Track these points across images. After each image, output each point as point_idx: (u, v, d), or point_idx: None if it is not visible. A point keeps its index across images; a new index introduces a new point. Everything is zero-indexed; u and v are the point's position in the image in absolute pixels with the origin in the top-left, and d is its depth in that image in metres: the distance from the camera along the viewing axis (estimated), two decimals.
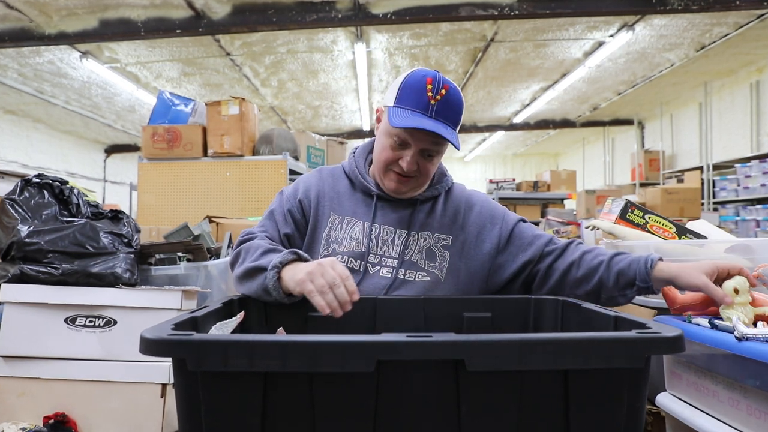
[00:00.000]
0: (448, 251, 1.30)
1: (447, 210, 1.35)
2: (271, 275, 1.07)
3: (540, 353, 0.63)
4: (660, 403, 1.18)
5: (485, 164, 15.31)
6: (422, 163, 1.24)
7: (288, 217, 1.31)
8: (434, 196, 1.35)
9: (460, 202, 1.37)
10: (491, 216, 1.36)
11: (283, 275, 1.07)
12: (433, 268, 1.28)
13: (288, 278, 1.06)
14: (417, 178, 1.26)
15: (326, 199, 1.34)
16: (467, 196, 1.40)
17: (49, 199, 1.78)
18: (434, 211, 1.34)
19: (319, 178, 1.38)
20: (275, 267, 1.07)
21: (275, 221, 1.31)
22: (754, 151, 6.99)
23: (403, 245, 1.28)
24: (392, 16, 5.18)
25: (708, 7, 4.87)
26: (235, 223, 2.87)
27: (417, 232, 1.30)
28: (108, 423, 1.62)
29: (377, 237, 1.28)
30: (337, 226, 1.30)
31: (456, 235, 1.32)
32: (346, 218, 1.31)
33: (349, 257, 1.26)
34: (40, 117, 9.46)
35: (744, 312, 1.00)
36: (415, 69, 1.24)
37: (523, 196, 7.72)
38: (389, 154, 1.24)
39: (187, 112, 3.82)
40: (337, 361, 0.62)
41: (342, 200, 1.34)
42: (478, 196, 1.42)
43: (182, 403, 0.67)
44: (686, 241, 1.58)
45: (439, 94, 1.18)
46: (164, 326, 0.71)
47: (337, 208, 1.33)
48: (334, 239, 1.29)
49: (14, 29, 5.51)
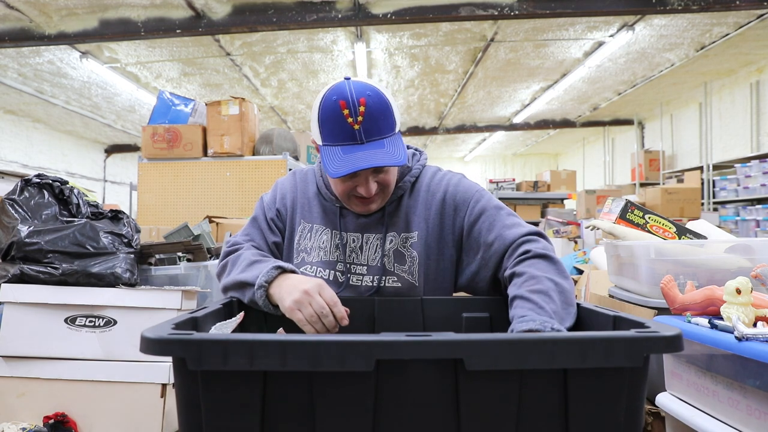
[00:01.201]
0: (415, 249, 1.22)
1: (412, 204, 1.25)
2: (258, 294, 1.08)
3: (539, 352, 0.64)
4: (660, 403, 1.18)
5: (485, 164, 15.32)
6: (380, 179, 1.17)
7: (272, 225, 1.30)
8: (400, 194, 1.26)
9: (422, 191, 1.26)
10: (454, 202, 1.24)
11: (271, 292, 1.08)
12: (403, 272, 1.21)
13: (277, 298, 1.06)
14: (381, 194, 1.19)
15: (298, 206, 1.31)
16: (434, 182, 1.27)
17: (49, 199, 1.78)
18: (399, 209, 1.25)
19: (293, 182, 1.34)
20: (261, 287, 1.08)
21: (260, 229, 1.29)
22: (754, 151, 6.99)
23: (372, 250, 1.23)
24: (392, 16, 5.18)
25: (708, 7, 4.87)
26: (235, 223, 2.87)
27: (384, 235, 1.23)
28: (108, 423, 1.62)
29: (344, 245, 1.24)
30: (306, 235, 1.27)
31: (419, 228, 1.23)
32: (315, 226, 1.27)
33: (318, 267, 1.23)
34: (40, 117, 9.46)
35: (744, 312, 1.00)
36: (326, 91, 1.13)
37: (523, 196, 7.72)
38: (343, 187, 1.17)
39: (187, 112, 3.83)
40: (336, 361, 0.62)
41: (311, 206, 1.29)
42: (447, 178, 1.28)
43: (182, 402, 0.67)
44: (686, 241, 1.58)
45: (359, 115, 1.08)
46: (164, 326, 0.71)
47: (306, 215, 1.29)
48: (303, 248, 1.26)
49: (14, 29, 5.51)
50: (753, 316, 1.00)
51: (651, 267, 1.46)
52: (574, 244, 5.17)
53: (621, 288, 1.68)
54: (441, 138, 12.33)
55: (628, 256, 1.59)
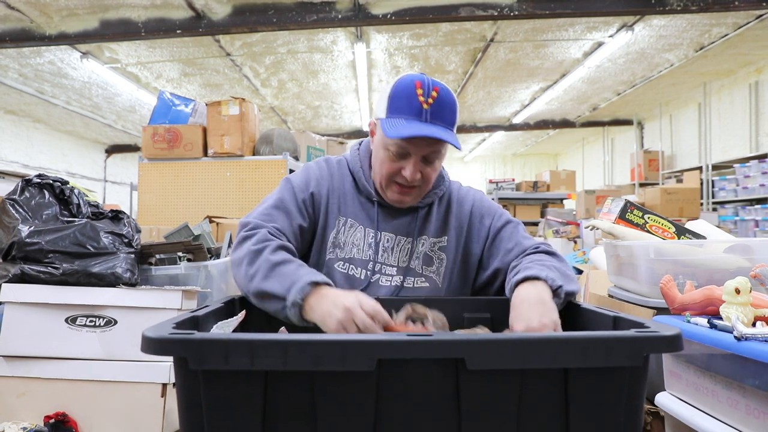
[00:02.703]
0: (444, 253, 1.30)
1: (442, 211, 1.34)
2: (292, 313, 1.00)
3: (540, 352, 0.64)
4: (659, 402, 1.18)
5: (485, 164, 15.32)
6: (424, 170, 1.20)
7: (302, 209, 1.24)
8: (432, 201, 1.33)
9: (454, 201, 1.35)
10: (481, 213, 1.34)
11: (306, 309, 0.99)
12: (431, 273, 1.27)
13: (316, 318, 0.98)
14: (420, 187, 1.23)
15: (335, 197, 1.28)
16: (462, 194, 1.38)
17: (50, 199, 1.78)
18: (430, 215, 1.32)
19: (328, 171, 1.32)
20: (296, 305, 0.99)
21: (286, 211, 1.21)
22: (753, 152, 6.99)
23: (403, 253, 1.27)
24: (392, 17, 5.18)
25: (707, 8, 4.87)
26: (235, 223, 2.87)
27: (416, 239, 1.28)
28: (108, 423, 1.62)
29: (378, 245, 1.26)
30: (341, 229, 1.26)
31: (450, 235, 1.31)
32: (350, 221, 1.27)
33: (350, 265, 1.24)
34: (41, 117, 9.46)
35: (743, 312, 1.00)
36: (402, 76, 1.19)
37: (522, 196, 7.73)
38: (390, 166, 1.20)
39: (187, 113, 3.83)
40: (338, 360, 0.63)
41: (347, 200, 1.29)
42: (473, 193, 1.40)
43: (183, 401, 0.68)
44: (685, 241, 1.58)
45: (430, 97, 1.13)
46: (165, 325, 0.71)
47: (343, 208, 1.28)
48: (338, 243, 1.26)
49: (15, 30, 5.51)
50: (752, 315, 1.01)
51: (650, 267, 1.46)
52: (574, 244, 5.17)
53: (620, 288, 1.68)
54: None
55: (627, 256, 1.59)
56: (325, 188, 1.28)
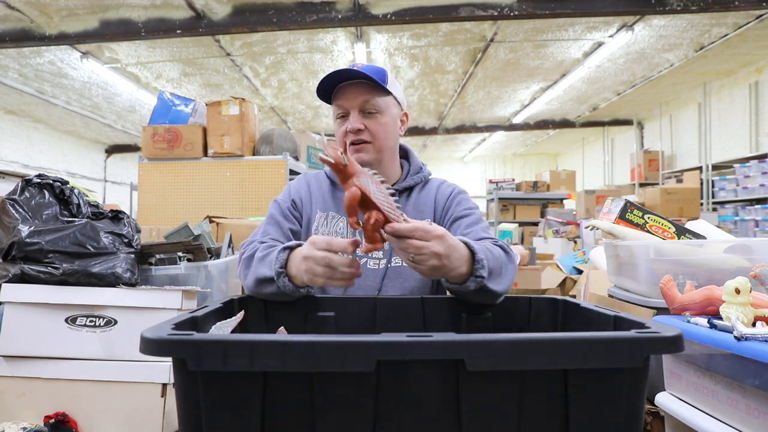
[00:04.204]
0: None
1: (422, 197, 1.42)
2: (282, 282, 1.07)
3: (540, 353, 0.64)
4: (659, 402, 1.18)
5: (485, 164, 15.31)
6: (368, 123, 1.30)
7: (288, 215, 1.38)
8: (410, 186, 1.42)
9: (433, 189, 1.43)
10: (456, 201, 1.40)
11: (291, 275, 1.08)
12: None
13: (298, 280, 1.07)
14: (372, 143, 1.31)
15: (313, 198, 1.42)
16: (444, 187, 1.45)
17: (50, 199, 1.78)
18: (410, 199, 1.41)
19: (305, 181, 1.48)
20: (280, 274, 1.07)
21: (276, 223, 1.36)
22: (753, 152, 6.99)
23: None
24: (392, 17, 5.18)
25: (707, 8, 4.87)
26: (235, 223, 2.87)
27: None
28: (108, 422, 1.62)
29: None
30: (322, 222, 1.37)
31: (432, 218, 1.38)
32: (331, 213, 1.38)
33: None
34: (41, 117, 9.46)
35: (743, 312, 1.00)
36: None
37: (522, 196, 7.73)
38: (340, 131, 1.32)
39: (187, 113, 3.82)
40: (336, 361, 0.62)
41: (326, 198, 1.41)
42: (455, 187, 1.46)
43: (182, 402, 0.67)
44: (685, 241, 1.58)
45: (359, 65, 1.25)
46: (164, 326, 0.71)
47: (321, 205, 1.40)
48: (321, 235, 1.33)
49: (15, 30, 5.51)
50: (752, 315, 1.01)
51: (650, 267, 1.46)
52: (574, 244, 5.17)
53: (620, 288, 1.68)
54: (441, 138, 12.33)
55: (627, 256, 1.59)
56: (304, 193, 1.43)
